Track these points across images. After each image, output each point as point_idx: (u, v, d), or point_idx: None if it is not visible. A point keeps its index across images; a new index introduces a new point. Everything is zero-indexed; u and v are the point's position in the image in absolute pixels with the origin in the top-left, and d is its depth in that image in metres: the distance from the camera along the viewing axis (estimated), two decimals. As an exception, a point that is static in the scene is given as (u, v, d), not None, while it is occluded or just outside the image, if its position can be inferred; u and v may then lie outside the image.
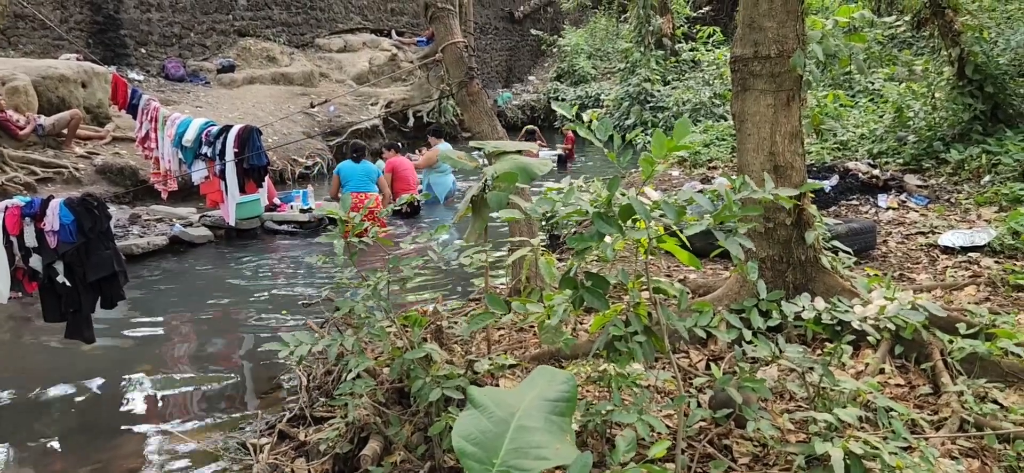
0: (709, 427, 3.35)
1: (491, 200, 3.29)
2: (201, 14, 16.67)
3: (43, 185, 9.71)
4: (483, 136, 5.36)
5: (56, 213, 4.92)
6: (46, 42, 13.91)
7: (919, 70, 10.16)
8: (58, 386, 5.39)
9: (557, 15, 26.61)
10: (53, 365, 5.71)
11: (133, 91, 9.18)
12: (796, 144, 4.31)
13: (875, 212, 7.37)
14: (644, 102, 16.44)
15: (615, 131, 2.97)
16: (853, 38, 5.94)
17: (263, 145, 8.13)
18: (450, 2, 5.82)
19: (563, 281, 2.80)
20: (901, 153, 8.86)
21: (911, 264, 5.86)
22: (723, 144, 11.03)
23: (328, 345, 3.31)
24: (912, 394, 3.73)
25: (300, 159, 13.34)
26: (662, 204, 2.70)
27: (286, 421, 4.14)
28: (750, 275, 3.06)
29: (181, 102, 13.71)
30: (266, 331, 6.42)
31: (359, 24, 20.39)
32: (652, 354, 2.88)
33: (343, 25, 19.92)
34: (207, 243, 9.18)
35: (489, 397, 1.70)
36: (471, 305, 5.64)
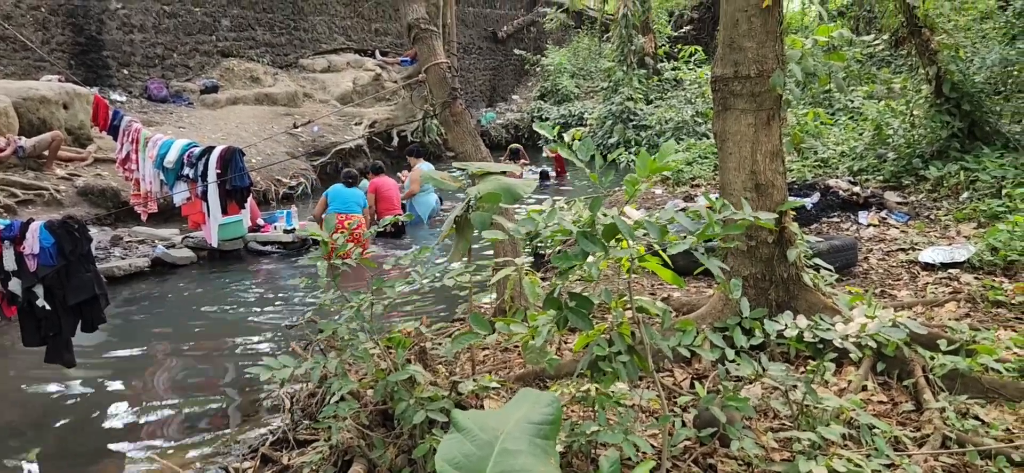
0: (694, 446, 3.35)
1: (475, 220, 3.30)
2: (184, 35, 16.62)
3: (24, 207, 9.62)
4: (467, 156, 5.37)
5: (36, 236, 4.88)
6: (27, 63, 13.82)
7: (898, 88, 10.29)
8: (37, 411, 5.32)
9: (540, 35, 26.74)
10: (32, 390, 5.64)
11: (114, 112, 9.14)
12: (777, 162, 4.35)
13: (856, 229, 7.43)
14: (627, 121, 16.53)
15: (599, 150, 2.99)
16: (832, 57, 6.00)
17: (246, 166, 8.11)
18: (433, 23, 5.84)
19: (547, 301, 2.81)
20: (881, 170, 8.96)
21: (892, 281, 5.91)
22: (705, 162, 11.11)
23: (311, 368, 3.29)
24: (895, 411, 3.75)
25: (284, 179, 13.29)
26: (645, 223, 2.71)
27: (269, 445, 4.10)
28: (733, 293, 3.08)
29: (164, 123, 13.64)
30: (249, 353, 6.37)
31: (343, 44, 20.39)
32: (636, 374, 2.88)
33: (327, 45, 19.92)
34: (190, 264, 9.12)
35: (473, 420, 1.70)
36: (455, 325, 5.63)
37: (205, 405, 5.44)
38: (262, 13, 18.27)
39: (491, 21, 25.42)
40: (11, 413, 5.32)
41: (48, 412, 5.32)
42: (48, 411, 5.33)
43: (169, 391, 5.71)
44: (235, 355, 6.40)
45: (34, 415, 5.28)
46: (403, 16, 5.97)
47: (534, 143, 20.24)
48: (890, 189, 8.49)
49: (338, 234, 3.53)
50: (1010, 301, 5.06)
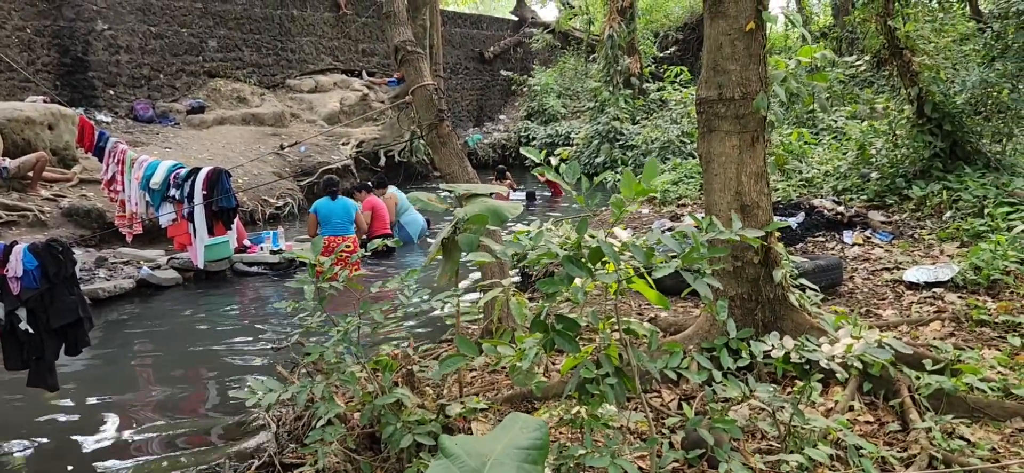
0: (682, 468, 3.36)
1: (462, 242, 3.30)
2: (171, 56, 16.61)
3: (7, 228, 9.54)
4: (454, 177, 5.38)
5: (20, 259, 4.84)
6: (12, 84, 13.77)
7: (880, 108, 10.40)
8: (20, 436, 5.25)
9: (527, 55, 26.87)
10: (15, 414, 5.57)
11: (100, 133, 9.12)
12: (762, 183, 4.38)
13: (841, 248, 7.48)
14: (613, 140, 16.62)
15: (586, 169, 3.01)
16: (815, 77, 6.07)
17: (232, 187, 8.09)
18: (420, 44, 5.86)
19: (534, 324, 2.81)
20: (865, 190, 9.03)
21: (877, 300, 5.94)
22: (692, 181, 11.17)
23: (297, 392, 3.27)
24: (881, 431, 3.77)
25: (271, 200, 13.25)
26: (631, 246, 2.72)
27: (255, 469, 4.07)
28: (720, 314, 3.09)
29: (150, 143, 13.59)
30: (235, 375, 6.33)
31: (330, 65, 20.42)
32: (623, 396, 2.88)
33: (314, 66, 19.95)
34: (175, 286, 9.05)
35: (461, 446, 1.69)
36: (443, 347, 5.62)
37: (190, 428, 5.39)
38: (249, 34, 18.29)
39: (478, 42, 25.53)
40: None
41: (30, 436, 5.25)
42: (30, 435, 5.26)
43: (153, 414, 5.66)
44: (220, 377, 6.35)
45: (15, 440, 5.21)
46: (390, 38, 5.99)
47: (521, 163, 20.29)
48: (874, 208, 8.56)
49: (326, 257, 3.52)
50: (994, 320, 5.10)
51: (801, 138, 9.97)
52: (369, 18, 21.15)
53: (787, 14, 16.87)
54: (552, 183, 15.43)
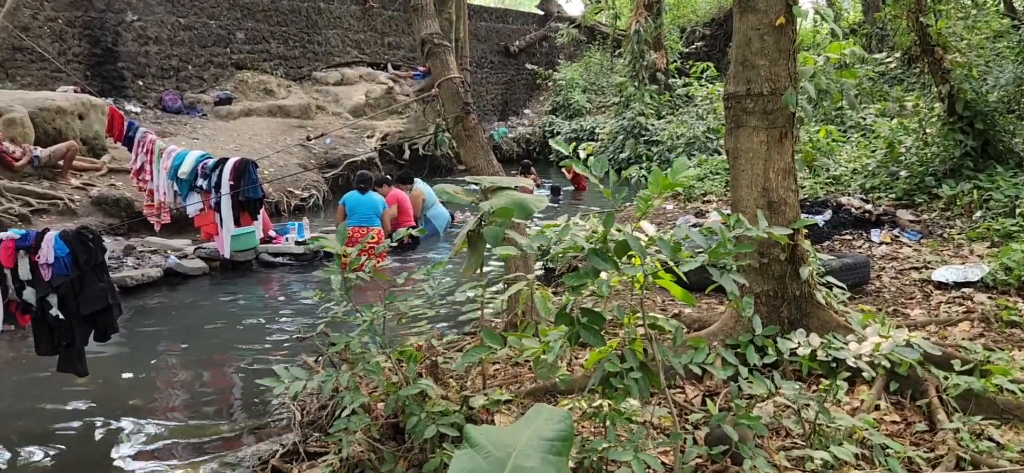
0: (705, 464, 3.34)
1: (487, 235, 3.30)
2: (199, 47, 16.76)
3: (38, 216, 9.69)
4: (479, 171, 5.38)
5: (51, 246, 4.92)
6: (44, 74, 13.96)
7: (910, 106, 10.26)
8: (49, 420, 5.34)
9: (552, 50, 26.81)
10: (44, 399, 5.67)
11: (129, 123, 9.22)
12: (789, 180, 4.34)
13: (868, 247, 7.40)
14: (638, 136, 16.55)
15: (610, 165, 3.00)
16: (844, 74, 6.01)
17: (259, 178, 8.16)
18: (446, 37, 5.87)
19: (559, 317, 2.81)
20: (893, 188, 8.93)
21: (905, 299, 5.88)
22: (717, 178, 11.10)
23: (323, 381, 3.30)
24: (908, 431, 3.73)
25: (296, 191, 13.35)
26: (658, 240, 2.71)
27: (279, 457, 4.11)
28: (745, 311, 3.07)
29: (178, 134, 13.73)
30: (260, 364, 6.39)
31: (356, 58, 20.51)
32: (648, 390, 2.88)
33: (340, 58, 20.04)
34: (202, 275, 9.15)
35: (485, 436, 1.70)
36: (466, 340, 5.63)
37: (215, 415, 5.45)
38: (276, 26, 18.41)
39: (503, 36, 25.52)
40: (24, 421, 5.34)
41: (59, 420, 5.34)
42: (59, 419, 5.36)
43: (178, 401, 5.73)
44: (245, 366, 6.42)
45: (46, 423, 5.30)
46: (416, 31, 6.01)
47: (545, 158, 20.28)
48: (903, 207, 8.46)
49: (352, 247, 3.54)
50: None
51: (829, 136, 9.86)
52: (395, 11, 21.21)
53: (818, 9, 16.71)
54: (576, 178, 15.40)
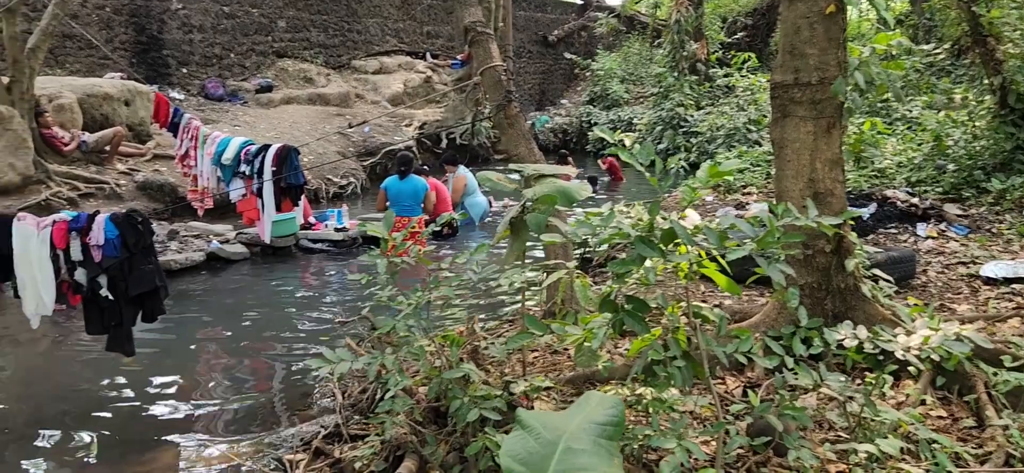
0: (747, 455, 3.32)
1: (530, 222, 3.31)
2: (241, 36, 16.98)
3: (86, 200, 9.91)
4: (520, 159, 5.39)
5: (102, 228, 5.02)
6: (92, 61, 14.26)
7: (958, 98, 10.05)
8: (96, 398, 5.48)
9: (591, 39, 26.69)
10: (92, 377, 5.81)
11: (175, 110, 9.37)
12: (836, 171, 4.28)
13: (914, 241, 7.27)
14: (677, 127, 16.42)
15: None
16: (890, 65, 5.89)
17: (300, 164, 8.24)
18: (489, 25, 5.88)
19: (603, 304, 2.81)
20: (940, 182, 8.75)
21: (952, 294, 5.77)
22: (757, 170, 10.98)
23: (368, 363, 3.33)
24: (955, 427, 3.67)
25: (335, 178, 13.48)
26: (704, 229, 2.70)
27: (322, 438, 4.16)
28: (790, 302, 3.04)
29: (220, 121, 13.94)
30: (299, 348, 6.47)
31: (395, 46, 20.62)
32: (691, 379, 2.87)
33: (379, 47, 20.16)
34: (243, 260, 9.29)
35: (537, 419, 1.71)
36: (505, 327, 5.65)
37: (256, 397, 5.54)
38: (317, 15, 18.57)
39: (542, 25, 25.47)
40: (73, 399, 5.48)
41: (106, 399, 5.47)
42: (106, 398, 5.48)
43: (221, 382, 5.83)
44: (285, 350, 6.51)
45: (94, 401, 5.43)
46: (459, 19, 6.02)
47: (582, 147, 20.21)
48: (950, 201, 8.29)
49: (396, 232, 3.58)
50: (1077, 319, 4.91)
51: (874, 128, 9.69)
52: (434, 1, 21.26)
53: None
54: (612, 169, 15.33)
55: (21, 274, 5.05)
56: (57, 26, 10.49)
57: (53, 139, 10.39)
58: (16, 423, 5.17)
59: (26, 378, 6.03)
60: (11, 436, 4.99)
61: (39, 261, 5.04)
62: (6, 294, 5.95)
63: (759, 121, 13.77)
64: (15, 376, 6.08)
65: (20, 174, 9.40)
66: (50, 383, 5.85)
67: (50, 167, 9.99)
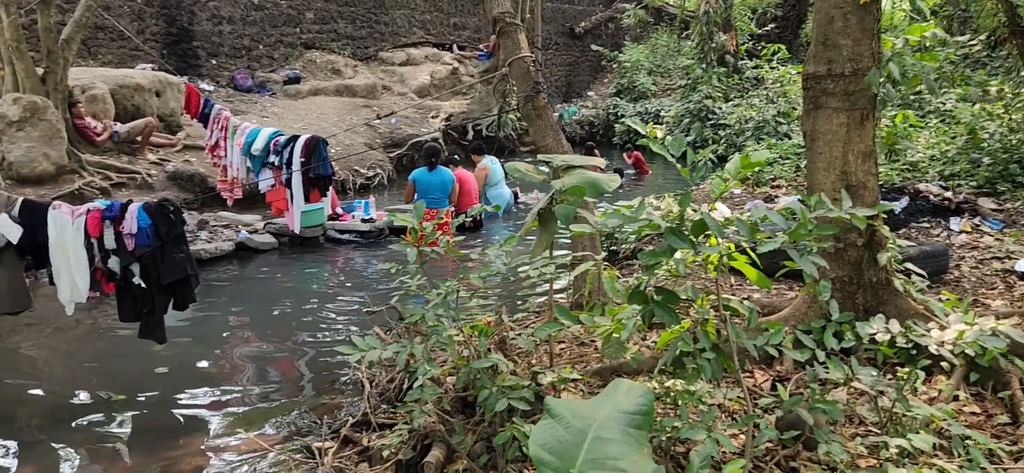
0: (776, 449, 3.30)
1: (559, 213, 3.30)
2: (270, 27, 17.10)
3: (117, 190, 10.05)
4: (548, 150, 5.38)
5: (134, 217, 5.09)
6: (124, 52, 14.43)
7: (994, 91, 9.86)
8: (129, 384, 5.56)
9: (618, 31, 26.56)
10: (125, 364, 5.90)
11: (205, 101, 9.47)
12: (869, 163, 4.23)
13: (947, 235, 7.16)
14: (705, 119, 16.30)
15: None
16: (924, 57, 5.81)
17: (329, 155, 8.30)
18: (517, 17, 5.88)
19: (633, 295, 2.80)
20: (975, 175, 8.60)
21: (986, 289, 5.68)
22: (786, 163, 10.87)
23: (397, 352, 3.35)
24: (989, 423, 3.62)
25: (362, 170, 13.54)
26: (735, 221, 2.68)
27: (350, 426, 4.19)
28: (822, 295, 3.01)
29: (248, 112, 14.06)
30: (327, 337, 6.52)
31: (422, 38, 20.66)
32: (720, 372, 2.85)
33: (406, 39, 20.22)
34: (271, 250, 9.37)
35: (566, 408, 1.71)
36: (533, 318, 5.65)
37: (285, 385, 5.60)
38: (345, 6, 18.65)
39: (569, 17, 25.38)
40: (106, 384, 5.57)
41: (139, 385, 5.55)
42: (139, 384, 5.56)
43: (250, 370, 5.89)
44: (313, 338, 6.56)
45: (126, 387, 5.51)
46: (488, 9, 6.02)
47: (609, 140, 20.13)
48: (984, 195, 8.15)
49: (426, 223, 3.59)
50: (1115, 315, 4.81)
51: (907, 120, 9.55)
52: (461, -8, 21.30)
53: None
54: (638, 162, 15.27)
55: (56, 261, 5.14)
56: (90, 18, 10.63)
57: (86, 129, 10.54)
58: (51, 407, 5.27)
59: (61, 363, 6.13)
60: (46, 420, 5.08)
61: (74, 249, 5.12)
62: (41, 281, 6.06)
63: (788, 113, 13.62)
64: (51, 361, 6.19)
65: (54, 164, 9.55)
66: (83, 369, 5.95)
67: (83, 157, 10.14)
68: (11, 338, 6.43)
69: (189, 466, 4.47)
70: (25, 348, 6.37)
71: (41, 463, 4.52)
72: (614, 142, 19.88)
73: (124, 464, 4.52)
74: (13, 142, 9.37)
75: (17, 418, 5.10)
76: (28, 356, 6.28)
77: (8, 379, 5.71)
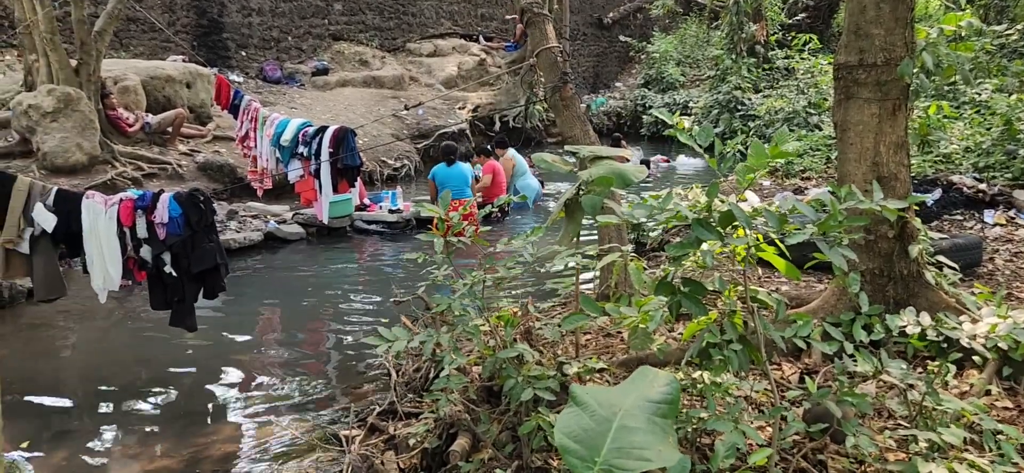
0: (803, 441, 3.27)
1: (586, 204, 3.30)
2: (299, 19, 17.20)
3: (149, 180, 10.18)
4: (576, 140, 5.37)
5: (166, 207, 5.17)
6: (155, 44, 14.60)
7: (1031, 81, 9.67)
8: (160, 372, 5.65)
9: (646, 21, 26.37)
10: (156, 351, 5.99)
11: (235, 92, 9.56)
12: (901, 154, 4.17)
13: (981, 228, 7.05)
14: (734, 110, 16.15)
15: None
16: (959, 47, 5.71)
17: (356, 146, 8.35)
18: (545, 7, 5.86)
19: (659, 286, 2.79)
20: (1010, 168, 8.44)
21: (1020, 283, 5.59)
22: (817, 154, 10.74)
23: (423, 341, 3.37)
24: (1021, 418, 3.56)
25: (389, 161, 13.60)
26: (763, 212, 2.66)
27: (377, 414, 4.23)
28: (852, 287, 2.98)
29: (277, 103, 14.16)
30: (354, 326, 6.58)
31: (449, 29, 20.67)
32: (747, 363, 2.83)
33: (433, 30, 20.24)
34: (299, 240, 9.46)
35: (592, 396, 1.71)
36: (559, 309, 5.65)
37: (313, 373, 5.66)
38: (372, -2, 18.72)
39: (597, 7, 25.25)
40: (138, 370, 5.66)
41: (170, 372, 5.64)
42: (170, 372, 5.65)
43: (278, 359, 5.96)
44: (340, 327, 6.62)
45: (157, 374, 5.60)
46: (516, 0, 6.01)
47: (636, 131, 20.02)
48: (1020, 188, 8.00)
49: (452, 213, 3.60)
50: None
51: (940, 111, 9.39)
52: (488, -17, 21.27)
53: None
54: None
55: (90, 250, 5.23)
56: (122, 10, 10.76)
57: (118, 120, 10.69)
58: (84, 393, 5.37)
59: (94, 350, 6.25)
60: (80, 406, 5.18)
61: (107, 238, 5.21)
62: (75, 269, 6.18)
63: (819, 104, 13.45)
64: (84, 348, 6.31)
65: (87, 154, 9.70)
66: (116, 356, 6.05)
67: (115, 147, 10.28)
68: (45, 325, 6.56)
69: (218, 452, 4.54)
70: (59, 335, 6.49)
71: (74, 447, 4.61)
72: (642, 133, 19.78)
73: (155, 449, 4.60)
74: (48, 133, 9.53)
75: (51, 402, 5.20)
76: (62, 343, 6.40)
77: (42, 365, 5.83)
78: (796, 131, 12.78)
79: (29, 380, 5.44)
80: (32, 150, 9.69)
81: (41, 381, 5.49)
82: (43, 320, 6.60)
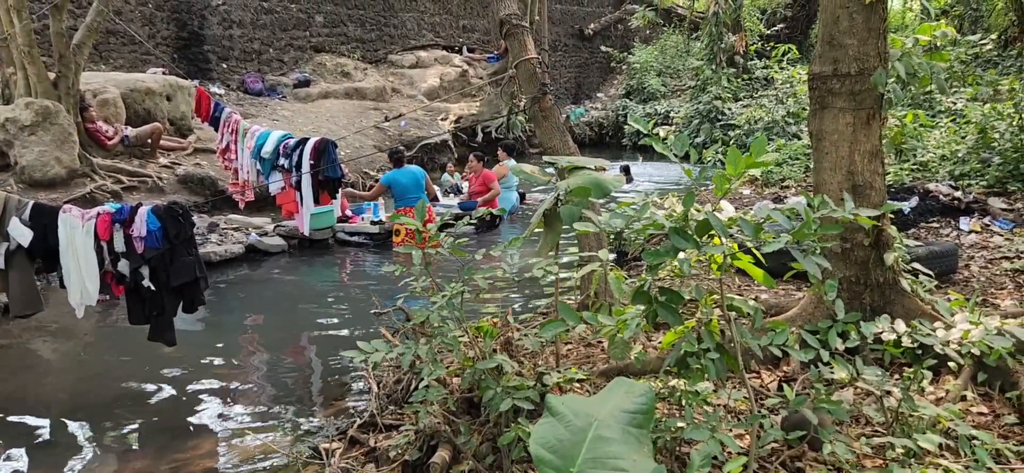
0: (781, 449, 3.29)
1: (564, 214, 3.31)
2: (280, 31, 17.16)
3: (128, 193, 10.11)
4: (555, 151, 5.39)
5: (144, 220, 5.13)
6: (135, 57, 14.52)
7: (1005, 90, 9.81)
8: (139, 386, 5.60)
9: (627, 32, 26.51)
10: (134, 366, 5.93)
11: (216, 104, 9.52)
12: (876, 163, 4.22)
13: (957, 235, 7.14)
14: (714, 120, 16.27)
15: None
16: (934, 57, 5.77)
17: (338, 158, 8.33)
18: (524, 19, 5.89)
19: (636, 295, 2.80)
20: (985, 175, 8.56)
21: (995, 289, 5.66)
22: (796, 163, 10.84)
23: (402, 353, 3.37)
24: (996, 423, 3.60)
25: (371, 172, 13.57)
26: (739, 221, 2.68)
27: (357, 427, 4.22)
28: (828, 295, 3.00)
29: (259, 115, 14.12)
30: (336, 339, 6.55)
31: (431, 41, 20.69)
32: (725, 372, 2.85)
33: (415, 41, 20.25)
34: (281, 252, 9.41)
35: (567, 406, 1.72)
36: (539, 319, 5.66)
37: (293, 386, 5.63)
38: (354, 9, 18.70)
39: (578, 18, 25.35)
40: (114, 387, 5.61)
41: (148, 388, 5.59)
42: (148, 387, 5.60)
43: (259, 372, 5.93)
44: (321, 340, 6.59)
45: (136, 390, 5.55)
46: (495, 12, 6.04)
47: (618, 141, 20.12)
48: (994, 195, 8.11)
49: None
50: None
51: (916, 120, 9.51)
52: (470, -6, 21.31)
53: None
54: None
55: (67, 264, 5.18)
56: (101, 23, 10.70)
57: (97, 133, 10.61)
58: (61, 410, 5.31)
59: (71, 366, 6.19)
60: (57, 422, 5.12)
61: (84, 252, 5.17)
62: (52, 284, 6.12)
63: (798, 114, 13.58)
64: (61, 364, 6.24)
65: (66, 167, 9.62)
66: (94, 371, 6.00)
67: (95, 161, 10.20)
68: (22, 341, 6.49)
69: (198, 467, 4.50)
70: (36, 351, 6.42)
71: (52, 464, 4.55)
72: (623, 144, 19.89)
73: (134, 465, 4.55)
74: (26, 146, 9.45)
75: (28, 420, 5.14)
76: (39, 359, 6.34)
77: (19, 381, 5.77)
78: (775, 140, 12.90)
79: (5, 397, 5.38)
80: (10, 164, 9.60)
81: (17, 398, 5.43)
82: (19, 336, 6.53)
